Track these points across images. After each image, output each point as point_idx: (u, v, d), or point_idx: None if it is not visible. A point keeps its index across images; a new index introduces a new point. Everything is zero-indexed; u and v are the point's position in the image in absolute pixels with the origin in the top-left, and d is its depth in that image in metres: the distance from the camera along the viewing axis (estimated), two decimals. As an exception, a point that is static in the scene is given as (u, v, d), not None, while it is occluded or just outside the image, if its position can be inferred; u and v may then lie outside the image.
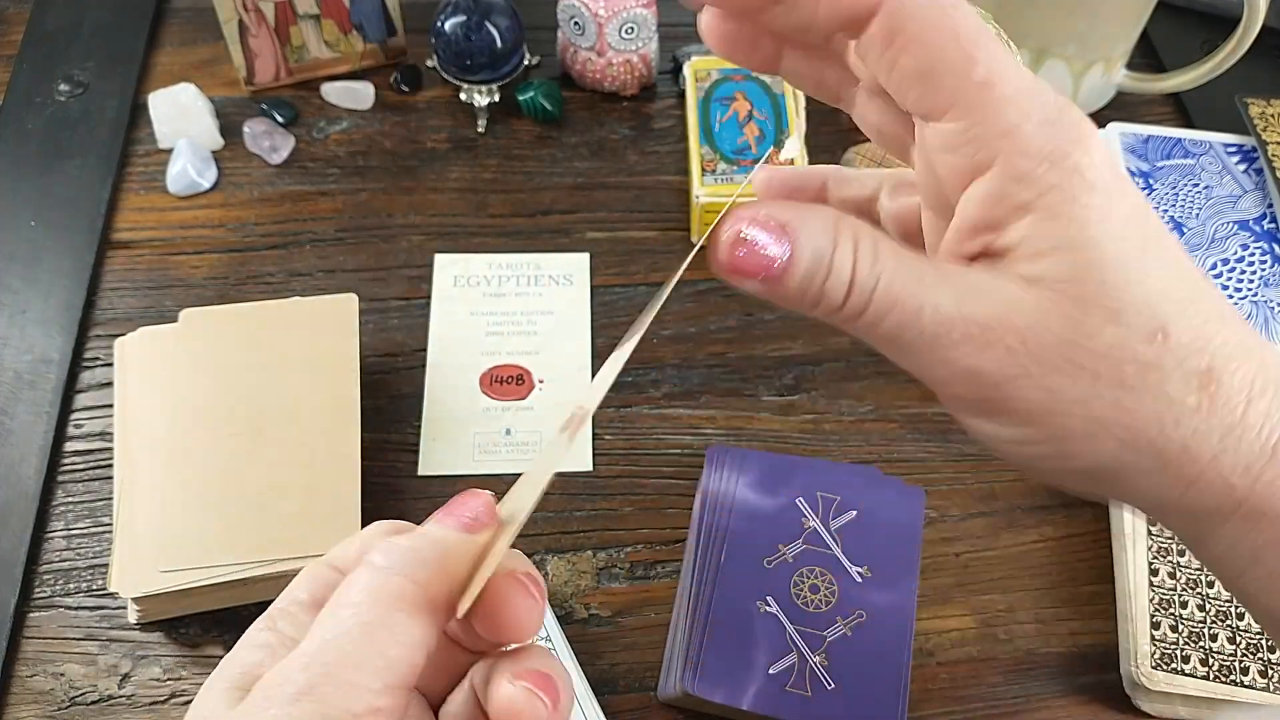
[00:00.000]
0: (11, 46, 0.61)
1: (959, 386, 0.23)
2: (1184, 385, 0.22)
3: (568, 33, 0.59)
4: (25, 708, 0.41)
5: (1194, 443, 0.22)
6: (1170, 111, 0.62)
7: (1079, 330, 0.22)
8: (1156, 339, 0.22)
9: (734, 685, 0.39)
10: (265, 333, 0.46)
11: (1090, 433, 0.22)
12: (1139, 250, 0.22)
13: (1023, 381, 0.22)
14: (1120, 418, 0.22)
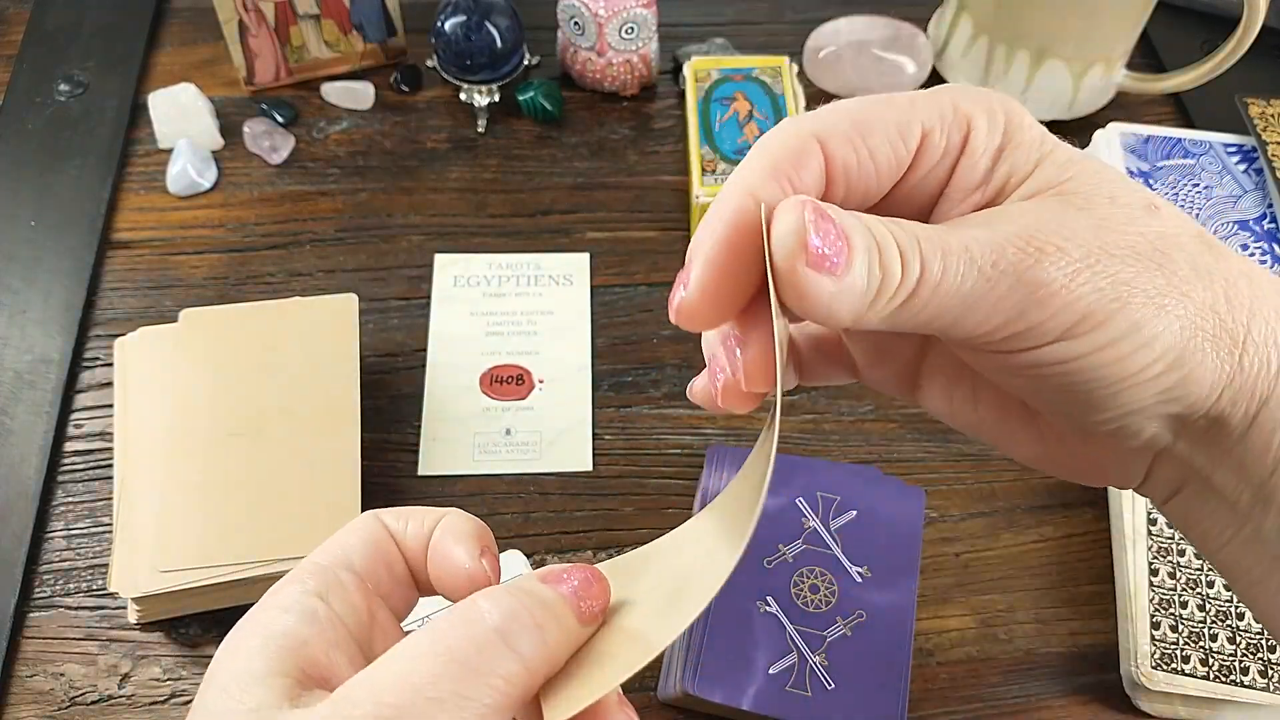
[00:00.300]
0: (11, 46, 0.61)
1: (1032, 314, 0.22)
2: (1194, 244, 0.23)
3: (568, 33, 0.59)
4: (25, 708, 0.41)
5: (1232, 293, 0.23)
6: (1170, 112, 0.63)
7: (1096, 215, 0.23)
8: (1151, 209, 0.23)
9: (734, 685, 0.39)
10: (265, 333, 0.46)
11: (1157, 311, 0.22)
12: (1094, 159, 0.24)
13: (1085, 275, 0.22)
14: (1172, 288, 0.22)
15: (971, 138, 0.24)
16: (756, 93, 0.56)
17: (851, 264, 0.21)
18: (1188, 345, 0.23)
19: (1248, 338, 0.23)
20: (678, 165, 0.59)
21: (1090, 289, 0.22)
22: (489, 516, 0.46)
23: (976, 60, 0.59)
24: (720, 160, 0.53)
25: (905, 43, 0.62)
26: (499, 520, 0.46)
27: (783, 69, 0.57)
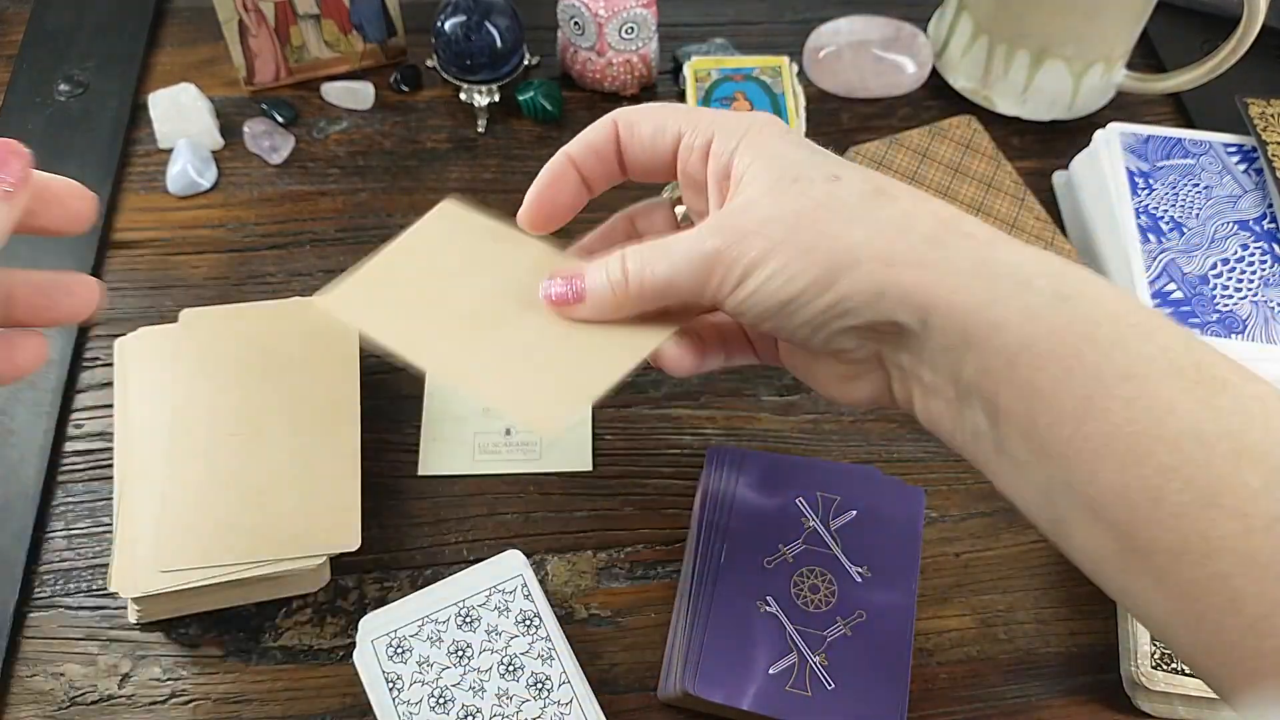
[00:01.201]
0: (12, 46, 0.61)
1: (718, 271, 0.32)
2: (861, 199, 0.31)
3: (568, 33, 0.59)
4: (25, 708, 0.41)
5: (889, 228, 0.30)
6: (1170, 111, 0.63)
7: (793, 188, 0.31)
8: (833, 179, 0.31)
9: (734, 685, 0.39)
10: (265, 333, 0.46)
11: (806, 250, 0.30)
12: (799, 151, 0.33)
13: (752, 238, 0.31)
14: (824, 234, 0.30)
15: (714, 144, 0.33)
16: (756, 93, 0.56)
17: (584, 296, 0.35)
18: (834, 269, 0.30)
19: (899, 259, 0.30)
20: (678, 165, 0.59)
21: (752, 246, 0.31)
22: (489, 516, 0.46)
23: (976, 60, 0.60)
24: (720, 160, 0.53)
25: (905, 42, 0.62)
26: (499, 520, 0.46)
27: (783, 69, 0.57)
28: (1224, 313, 0.49)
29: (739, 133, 0.33)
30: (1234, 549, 0.26)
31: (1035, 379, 0.28)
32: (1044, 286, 0.29)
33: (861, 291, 0.30)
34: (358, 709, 0.41)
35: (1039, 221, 0.53)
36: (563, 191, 0.38)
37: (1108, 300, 0.29)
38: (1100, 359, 0.28)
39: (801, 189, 0.31)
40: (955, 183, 0.55)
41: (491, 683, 0.38)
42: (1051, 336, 0.28)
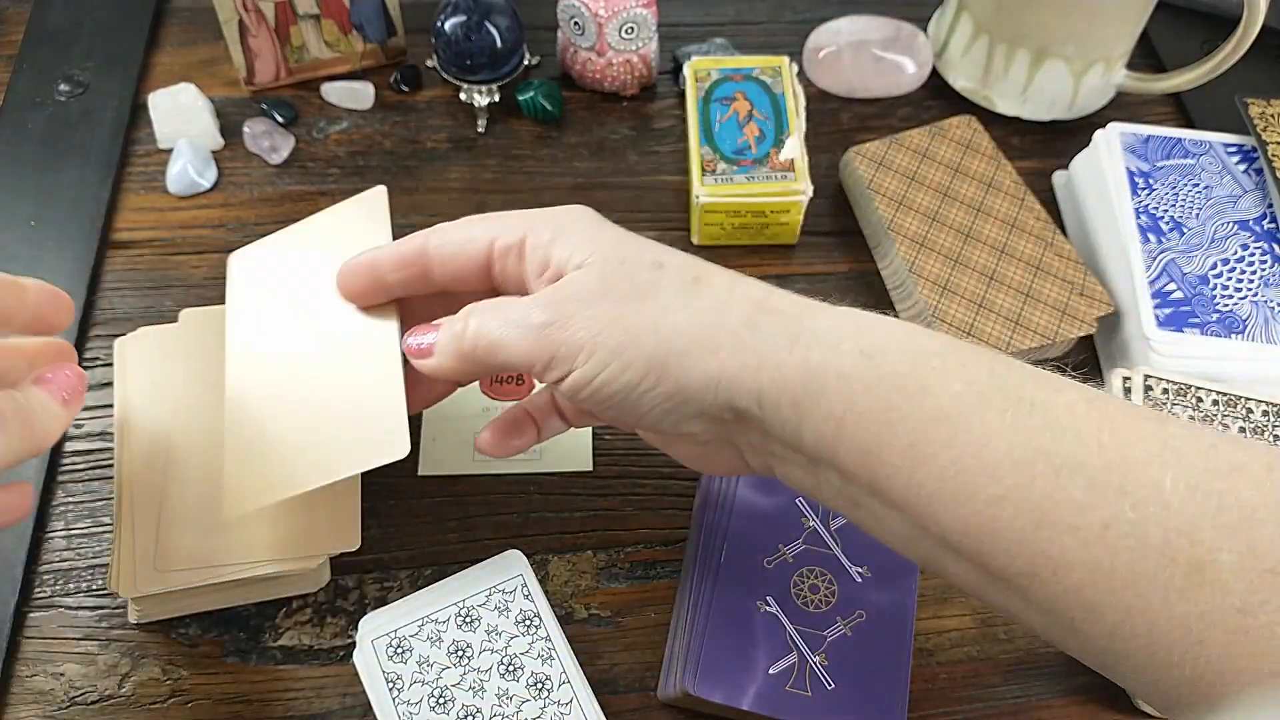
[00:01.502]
0: (12, 46, 0.61)
1: (548, 351, 0.32)
2: (681, 287, 0.32)
3: (568, 33, 0.59)
4: (25, 707, 0.41)
5: (709, 315, 0.31)
6: (1170, 111, 0.63)
7: (606, 276, 0.32)
8: (657, 267, 0.32)
9: (734, 685, 0.39)
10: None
11: (634, 339, 0.31)
12: (621, 237, 0.34)
13: (580, 319, 0.32)
14: (649, 320, 0.31)
15: (528, 239, 0.34)
16: (756, 92, 0.56)
17: (432, 350, 0.35)
18: (665, 360, 0.31)
19: (722, 346, 0.31)
20: (678, 165, 0.59)
21: (581, 328, 0.31)
22: (489, 517, 0.46)
23: (976, 60, 0.60)
24: (720, 160, 0.53)
25: (905, 42, 0.62)
26: (499, 520, 0.46)
27: (783, 69, 0.57)
28: (1224, 313, 0.49)
29: (554, 225, 0.34)
30: (1077, 562, 0.27)
31: (862, 438, 0.30)
32: (850, 348, 0.30)
33: (694, 381, 0.31)
34: (358, 709, 0.41)
35: (1039, 221, 0.53)
36: (369, 294, 0.39)
37: (909, 349, 0.30)
38: (913, 407, 0.29)
39: (628, 273, 0.32)
40: (955, 182, 0.55)
41: (491, 683, 0.38)
42: (867, 395, 0.30)
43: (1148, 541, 0.27)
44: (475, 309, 0.34)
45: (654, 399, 0.32)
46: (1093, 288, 0.51)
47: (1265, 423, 0.47)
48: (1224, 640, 0.26)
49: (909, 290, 0.52)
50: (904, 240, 0.52)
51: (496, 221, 0.35)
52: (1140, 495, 0.27)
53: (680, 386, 0.31)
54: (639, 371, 0.31)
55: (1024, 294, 0.51)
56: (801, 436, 0.31)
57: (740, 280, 0.33)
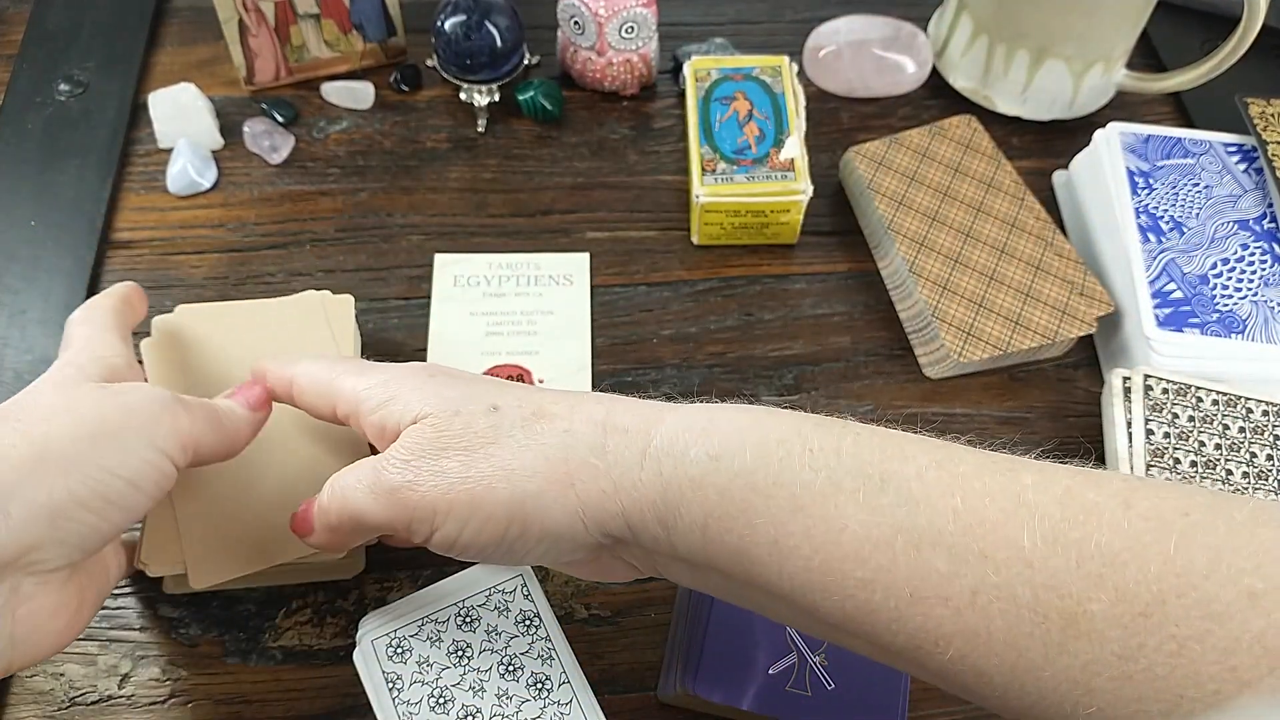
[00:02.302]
0: (12, 46, 0.61)
1: (406, 513, 0.32)
2: (523, 426, 0.32)
3: (568, 32, 0.59)
4: (25, 708, 0.41)
5: (556, 451, 0.31)
6: (1170, 111, 0.63)
7: (441, 430, 0.32)
8: (492, 411, 0.32)
9: (734, 685, 0.38)
10: (261, 328, 0.46)
11: (488, 490, 0.31)
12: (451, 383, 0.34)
13: (426, 475, 0.32)
14: (498, 467, 0.31)
15: (361, 408, 0.35)
16: (756, 92, 0.56)
17: (311, 523, 0.35)
18: (524, 504, 0.31)
19: (577, 477, 0.31)
20: (678, 165, 0.59)
21: (431, 486, 0.31)
22: (489, 516, 0.46)
23: (976, 59, 0.60)
24: (720, 160, 0.53)
25: (905, 42, 0.62)
26: (499, 520, 0.46)
27: (783, 68, 0.57)
28: (1224, 312, 0.49)
29: (384, 391, 0.34)
30: (955, 632, 0.27)
31: (728, 540, 0.30)
32: (698, 453, 0.30)
33: (559, 519, 0.31)
34: (357, 709, 0.41)
35: (1039, 221, 0.53)
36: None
37: (755, 442, 0.30)
38: (767, 503, 0.29)
39: (464, 422, 0.32)
40: (955, 182, 0.55)
41: (491, 683, 0.38)
42: (722, 499, 0.30)
43: (1018, 601, 0.27)
44: (335, 479, 0.34)
45: (526, 543, 0.32)
46: (1093, 287, 0.51)
47: (1265, 423, 0.47)
48: (1110, 687, 0.26)
49: (909, 290, 0.52)
50: (904, 240, 0.52)
51: (338, 383, 0.36)
52: (1001, 557, 0.27)
53: (546, 528, 0.31)
54: (501, 522, 0.31)
55: (1024, 294, 0.51)
56: (675, 547, 0.31)
57: (579, 403, 0.32)
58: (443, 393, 0.33)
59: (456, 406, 0.32)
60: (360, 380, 0.35)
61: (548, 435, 0.31)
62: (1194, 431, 0.46)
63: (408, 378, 0.34)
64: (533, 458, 0.31)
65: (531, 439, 0.31)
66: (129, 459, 0.32)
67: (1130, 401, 0.47)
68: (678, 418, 0.31)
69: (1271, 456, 0.46)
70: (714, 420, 0.31)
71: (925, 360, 0.52)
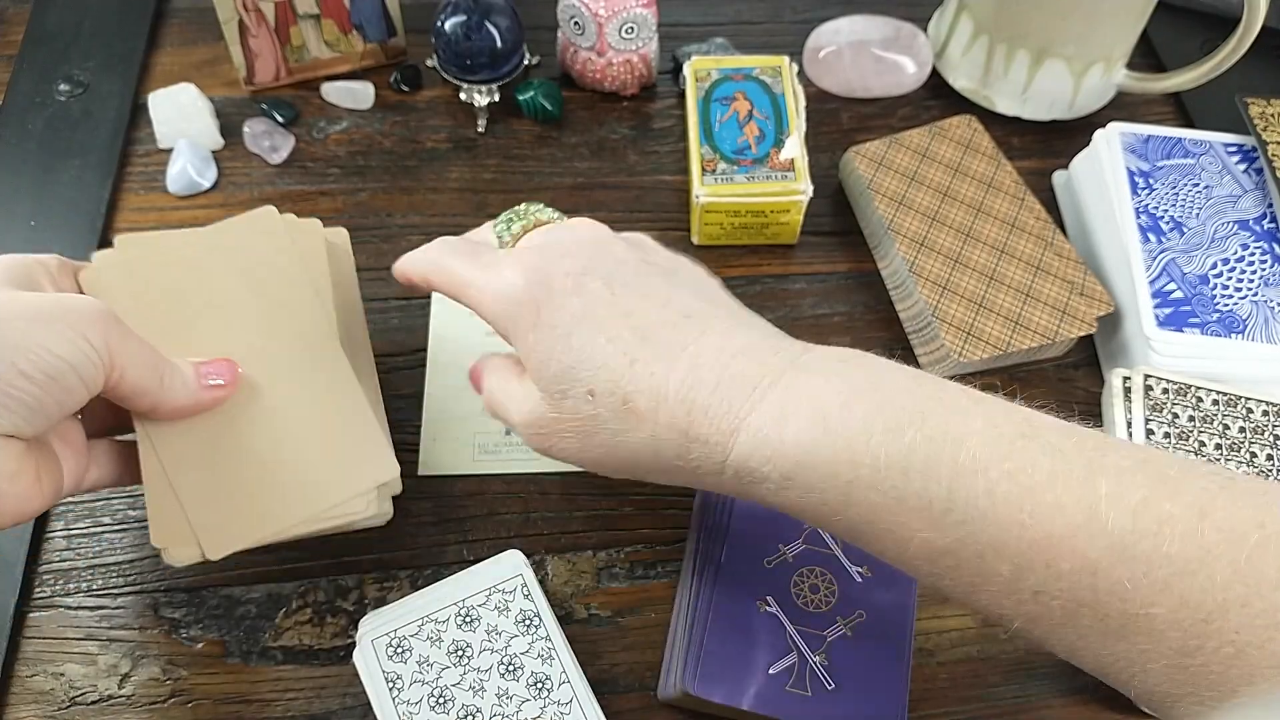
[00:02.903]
0: (12, 46, 0.61)
1: None
2: (616, 418, 0.34)
3: (568, 33, 0.59)
4: (25, 708, 0.41)
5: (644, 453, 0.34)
6: (1170, 111, 0.63)
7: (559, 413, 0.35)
8: (589, 399, 0.34)
9: (734, 685, 0.39)
10: (214, 260, 0.40)
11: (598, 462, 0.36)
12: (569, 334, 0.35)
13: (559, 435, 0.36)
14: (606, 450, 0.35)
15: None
16: (757, 92, 0.56)
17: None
18: (634, 472, 0.36)
19: (665, 472, 0.35)
20: (678, 165, 0.59)
21: (562, 450, 0.36)
22: (489, 517, 0.46)
23: (976, 60, 0.60)
24: (720, 160, 0.53)
25: (905, 42, 0.62)
26: (499, 520, 0.46)
27: (783, 69, 0.57)
28: (1224, 312, 0.49)
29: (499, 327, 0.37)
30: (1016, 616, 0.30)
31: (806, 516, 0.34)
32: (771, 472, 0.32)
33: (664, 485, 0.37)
34: (358, 709, 0.41)
35: (1039, 221, 0.53)
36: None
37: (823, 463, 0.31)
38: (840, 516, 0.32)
39: (571, 408, 0.35)
40: (955, 182, 0.55)
41: (491, 682, 0.38)
42: (801, 509, 0.33)
43: (1080, 601, 0.28)
44: (494, 394, 0.39)
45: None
46: (1093, 287, 0.51)
47: (1265, 423, 0.47)
48: (1165, 673, 0.28)
49: (909, 290, 0.52)
50: (904, 240, 0.52)
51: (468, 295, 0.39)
52: (1066, 567, 0.28)
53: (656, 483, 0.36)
54: (621, 475, 0.36)
55: (1024, 294, 0.51)
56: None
57: (663, 404, 0.33)
58: (548, 365, 0.35)
59: (562, 387, 0.35)
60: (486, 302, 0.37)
61: (636, 436, 0.34)
62: (1194, 431, 0.46)
63: (522, 317, 0.36)
64: (628, 453, 0.34)
65: (625, 436, 0.34)
66: (65, 344, 0.33)
67: (1130, 401, 0.47)
68: (749, 434, 0.32)
69: (1271, 456, 0.46)
70: (784, 438, 0.31)
71: (925, 360, 0.52)
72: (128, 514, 0.46)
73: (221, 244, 0.41)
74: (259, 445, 0.39)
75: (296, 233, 0.42)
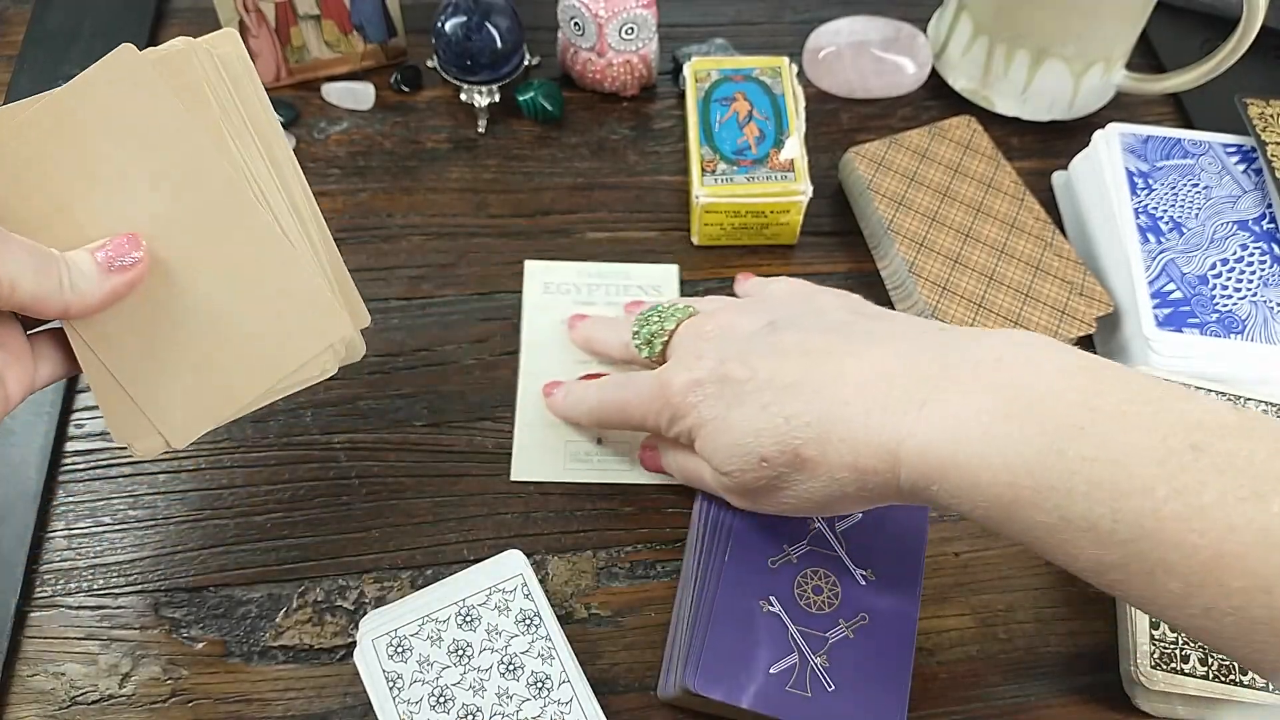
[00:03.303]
0: (12, 47, 0.62)
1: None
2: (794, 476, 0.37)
3: (568, 33, 0.59)
4: (26, 707, 0.41)
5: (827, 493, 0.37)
6: (1170, 112, 0.63)
7: (740, 482, 0.39)
8: (762, 464, 0.37)
9: (734, 683, 0.39)
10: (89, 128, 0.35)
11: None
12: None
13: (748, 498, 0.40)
14: (795, 500, 0.38)
15: None
16: (756, 93, 0.56)
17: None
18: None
19: (852, 496, 0.36)
20: (678, 165, 0.59)
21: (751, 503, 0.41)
22: (489, 517, 0.46)
23: (976, 60, 0.60)
24: (720, 160, 0.53)
25: (905, 43, 0.62)
26: (499, 520, 0.46)
27: (782, 69, 0.57)
28: (1223, 313, 0.49)
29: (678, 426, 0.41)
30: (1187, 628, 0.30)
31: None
32: (940, 492, 0.33)
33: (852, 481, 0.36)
34: (358, 708, 0.41)
35: (1038, 222, 0.53)
36: None
37: (985, 485, 0.32)
38: (1005, 529, 0.33)
39: (754, 478, 0.38)
40: (955, 183, 0.55)
41: (491, 682, 0.38)
42: (972, 518, 0.33)
43: (1254, 618, 0.28)
44: (662, 450, 0.46)
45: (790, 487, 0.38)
46: (1092, 288, 0.51)
47: (1265, 423, 0.47)
48: None
49: (909, 290, 0.52)
50: (903, 240, 0.52)
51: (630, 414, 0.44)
52: (1238, 585, 0.27)
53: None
54: (827, 514, 0.40)
55: (1023, 294, 0.51)
56: None
57: (828, 447, 0.35)
58: (717, 451, 0.38)
59: (736, 464, 0.38)
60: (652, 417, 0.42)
61: (817, 483, 0.36)
62: (1193, 431, 0.46)
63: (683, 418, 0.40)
64: (823, 496, 0.36)
65: (810, 484, 0.36)
66: None
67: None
68: (912, 463, 0.33)
69: (1271, 456, 0.46)
70: (942, 463, 0.32)
71: (925, 360, 0.52)
72: (128, 514, 0.46)
73: (85, 105, 0.35)
74: (196, 322, 0.36)
75: (171, 69, 0.36)
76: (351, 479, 0.47)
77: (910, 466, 0.33)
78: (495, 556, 0.41)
